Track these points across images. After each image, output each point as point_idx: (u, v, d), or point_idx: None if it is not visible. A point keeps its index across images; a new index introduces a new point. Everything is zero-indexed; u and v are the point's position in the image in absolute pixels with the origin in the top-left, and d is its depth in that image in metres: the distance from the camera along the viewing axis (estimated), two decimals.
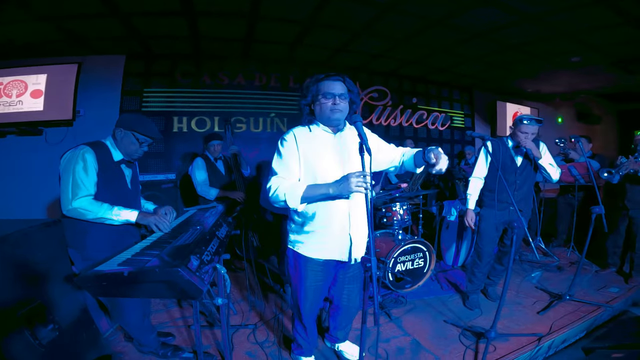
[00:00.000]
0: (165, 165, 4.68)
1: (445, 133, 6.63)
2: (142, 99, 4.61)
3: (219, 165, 3.49)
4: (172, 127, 4.76)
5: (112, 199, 1.76)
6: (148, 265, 1.11)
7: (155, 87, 4.66)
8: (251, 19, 3.72)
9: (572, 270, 3.62)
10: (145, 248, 1.43)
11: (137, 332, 2.05)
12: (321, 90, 1.62)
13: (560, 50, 4.51)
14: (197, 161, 3.35)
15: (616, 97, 8.09)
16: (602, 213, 2.65)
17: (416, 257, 3.18)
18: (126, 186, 1.93)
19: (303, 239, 1.73)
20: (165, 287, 1.08)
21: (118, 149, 1.86)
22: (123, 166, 1.90)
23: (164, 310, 2.76)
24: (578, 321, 2.52)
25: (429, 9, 3.48)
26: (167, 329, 2.45)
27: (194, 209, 2.38)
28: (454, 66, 5.47)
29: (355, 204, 1.69)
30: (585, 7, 3.25)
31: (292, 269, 1.82)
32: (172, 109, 4.75)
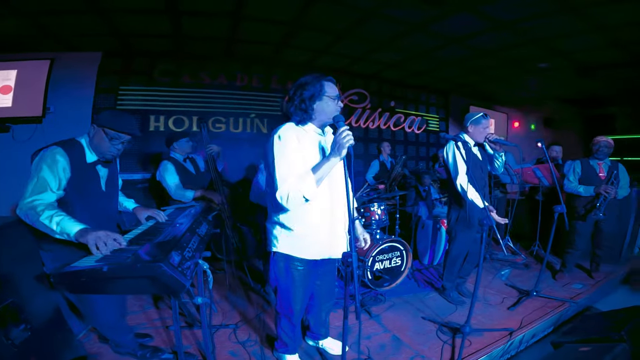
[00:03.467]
0: (141, 164, 4.56)
1: (421, 136, 6.83)
2: (117, 96, 4.48)
3: (189, 166, 3.28)
4: (149, 126, 4.65)
5: (81, 202, 1.69)
6: (128, 261, 1.11)
7: (132, 85, 4.54)
8: (236, 19, 3.71)
9: (539, 267, 3.81)
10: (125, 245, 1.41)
11: (113, 332, 1.99)
12: (327, 91, 1.65)
13: (529, 57, 4.74)
14: (164, 165, 3.09)
15: (582, 103, 8.59)
16: (564, 212, 2.82)
17: (394, 256, 3.26)
18: (99, 188, 1.82)
19: (292, 240, 1.73)
20: (147, 282, 1.08)
21: (92, 148, 1.76)
22: (98, 167, 1.80)
23: (141, 312, 2.70)
24: (545, 316, 2.67)
25: (410, 15, 3.58)
26: (145, 330, 2.39)
27: (171, 208, 2.35)
28: (432, 71, 5.64)
29: (337, 201, 1.74)
30: (553, 15, 3.43)
31: (280, 271, 1.80)
32: (149, 107, 4.64)
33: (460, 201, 2.79)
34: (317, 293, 2.02)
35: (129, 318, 2.23)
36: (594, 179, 3.45)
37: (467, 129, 2.76)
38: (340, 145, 1.47)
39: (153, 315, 2.67)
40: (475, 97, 7.43)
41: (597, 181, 3.42)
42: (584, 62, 4.88)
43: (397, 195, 3.85)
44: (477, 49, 4.50)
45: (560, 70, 5.26)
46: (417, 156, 6.85)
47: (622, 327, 1.96)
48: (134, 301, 2.81)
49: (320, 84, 1.65)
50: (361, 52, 4.81)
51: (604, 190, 3.26)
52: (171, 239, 1.45)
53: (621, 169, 3.44)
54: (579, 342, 2.10)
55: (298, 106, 1.66)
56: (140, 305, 2.80)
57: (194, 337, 2.32)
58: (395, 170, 4.60)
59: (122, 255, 1.22)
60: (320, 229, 1.72)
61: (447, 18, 3.60)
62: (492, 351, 2.21)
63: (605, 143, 3.43)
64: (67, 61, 4.20)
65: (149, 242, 1.42)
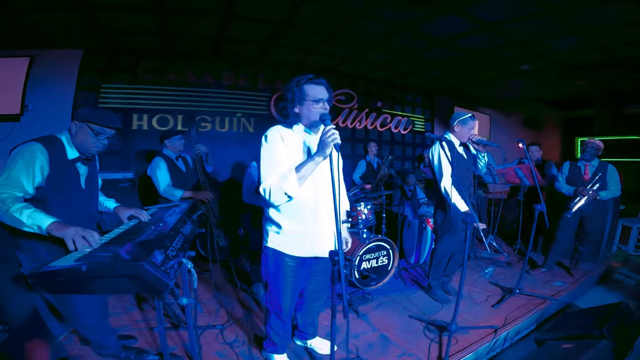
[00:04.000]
0: (123, 163, 4.46)
1: (407, 137, 6.91)
2: (99, 94, 4.38)
3: (180, 164, 3.31)
4: (132, 124, 4.56)
5: (60, 200, 1.64)
6: (109, 260, 1.08)
7: (114, 83, 4.44)
8: (225, 17, 3.68)
9: (521, 265, 3.90)
10: (103, 244, 1.38)
11: (95, 334, 1.94)
12: (310, 94, 1.67)
13: (512, 58, 4.86)
14: (156, 161, 3.10)
15: (561, 105, 8.86)
16: (544, 210, 2.89)
17: (380, 255, 3.29)
18: (79, 186, 1.79)
19: (282, 237, 1.76)
20: (129, 282, 1.05)
21: (73, 145, 1.72)
22: (78, 164, 1.77)
23: (123, 313, 2.64)
24: (528, 314, 2.73)
25: (398, 15, 3.61)
26: (128, 332, 2.34)
27: (154, 207, 2.31)
28: (418, 72, 5.72)
29: (325, 200, 1.75)
30: (535, 17, 3.50)
31: (271, 267, 1.83)
32: (132, 105, 4.55)
33: (446, 202, 2.82)
34: (308, 292, 2.02)
35: (111, 320, 2.17)
36: (578, 179, 3.57)
37: (453, 128, 2.80)
38: (325, 143, 1.49)
39: (136, 316, 2.61)
40: (460, 98, 7.57)
41: (580, 182, 3.53)
42: (564, 64, 5.02)
43: (383, 195, 3.88)
44: (463, 50, 4.59)
45: (541, 72, 5.41)
46: (403, 156, 6.93)
47: (603, 324, 2.03)
48: (116, 302, 2.75)
49: (301, 88, 1.67)
50: (349, 52, 4.83)
51: (580, 191, 3.40)
52: (154, 238, 1.42)
53: (610, 171, 3.51)
54: (561, 339, 2.15)
55: (281, 110, 1.77)
56: (122, 306, 2.73)
57: (180, 339, 2.28)
58: (381, 170, 4.64)
59: (102, 254, 1.19)
60: (307, 227, 1.74)
61: (434, 19, 3.65)
62: (478, 349, 2.25)
63: (590, 144, 3.54)
64: (47, 58, 4.09)
65: (130, 241, 1.39)
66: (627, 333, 2.09)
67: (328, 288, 2.07)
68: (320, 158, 1.54)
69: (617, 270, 4.16)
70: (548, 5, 3.23)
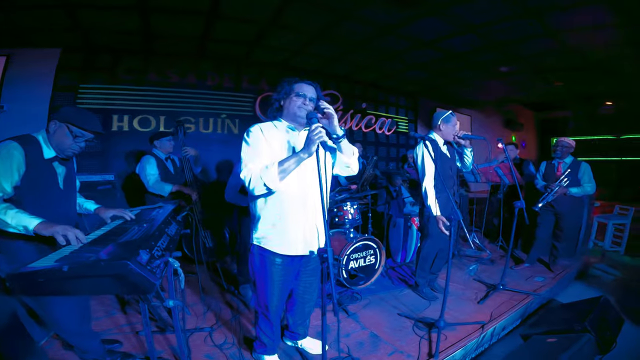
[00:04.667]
0: (102, 165, 4.35)
1: (391, 137, 6.99)
2: (77, 95, 4.25)
3: (169, 165, 3.38)
4: (111, 125, 4.44)
5: (38, 200, 1.59)
6: (92, 260, 1.04)
7: (93, 83, 4.32)
8: (210, 17, 3.65)
9: (504, 262, 3.99)
10: (85, 245, 1.33)
11: (77, 338, 1.87)
12: (295, 90, 1.73)
13: (492, 60, 4.99)
14: (146, 158, 3.22)
15: (537, 106, 9.18)
16: (523, 207, 2.97)
17: (367, 254, 3.30)
18: (57, 187, 1.74)
19: (268, 234, 1.75)
20: (113, 282, 1.02)
21: (50, 145, 1.68)
22: (55, 164, 1.72)
23: (106, 317, 2.55)
24: (513, 309, 2.79)
25: (383, 17, 3.66)
26: (112, 336, 2.27)
27: (138, 208, 2.25)
28: (402, 73, 5.80)
29: (313, 197, 1.75)
30: (516, 19, 3.61)
31: (258, 266, 1.81)
32: (112, 106, 4.43)
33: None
34: (298, 293, 2.01)
35: (93, 324, 2.10)
36: (552, 176, 3.73)
37: (438, 128, 2.84)
38: (311, 140, 1.49)
39: (120, 320, 2.53)
40: (442, 99, 7.72)
41: (553, 179, 3.68)
42: (541, 66, 5.19)
43: (369, 195, 3.90)
44: (445, 52, 4.68)
45: (520, 73, 5.58)
46: (388, 157, 7.00)
47: (585, 319, 2.09)
48: (98, 306, 2.66)
49: (292, 86, 1.75)
50: (334, 53, 4.85)
51: (548, 186, 3.60)
52: (139, 237, 1.39)
53: (583, 169, 3.64)
54: (545, 334, 2.21)
55: (273, 103, 1.82)
56: (105, 310, 2.65)
57: (167, 342, 2.22)
58: (367, 171, 4.66)
59: (84, 254, 1.15)
60: (294, 224, 1.73)
61: (418, 21, 3.72)
62: (466, 344, 2.28)
63: (561, 143, 3.70)
64: (23, 58, 3.96)
65: (114, 241, 1.35)
66: (609, 327, 2.15)
67: (318, 289, 2.06)
68: (305, 155, 1.54)
69: (594, 266, 4.32)
70: (526, 8, 3.34)
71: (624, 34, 3.77)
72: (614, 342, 2.06)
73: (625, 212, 5.07)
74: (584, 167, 3.64)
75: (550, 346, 1.95)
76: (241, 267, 2.98)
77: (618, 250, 4.86)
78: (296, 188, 1.70)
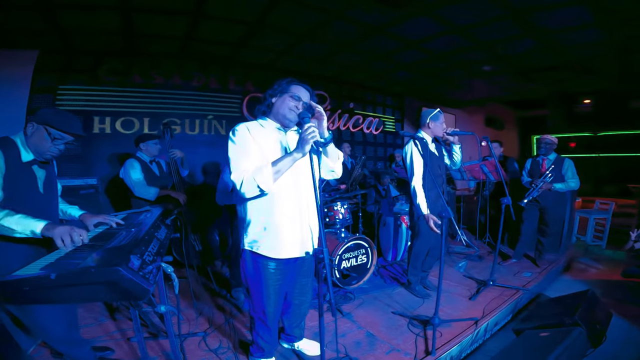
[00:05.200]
0: (84, 168, 4.19)
1: (379, 137, 7.04)
2: (55, 96, 4.10)
3: (154, 168, 3.29)
4: (93, 127, 4.30)
5: (19, 205, 1.50)
6: (81, 267, 0.99)
7: (73, 85, 4.18)
8: (195, 17, 3.58)
9: (492, 258, 4.05)
10: (72, 252, 1.27)
11: (65, 346, 1.80)
12: (291, 90, 1.69)
13: (475, 60, 5.07)
14: (130, 162, 3.11)
15: (518, 105, 9.41)
16: (510, 203, 3.03)
17: (359, 254, 3.29)
18: (37, 191, 1.66)
19: (260, 239, 1.69)
20: (104, 289, 0.96)
21: (28, 147, 1.60)
22: (35, 167, 1.65)
23: (95, 324, 2.47)
24: (504, 304, 2.83)
25: (370, 17, 3.66)
26: (103, 343, 2.19)
27: (123, 213, 2.18)
28: (389, 73, 5.83)
29: (307, 197, 1.73)
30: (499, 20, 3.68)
31: (251, 272, 1.75)
32: (93, 108, 4.29)
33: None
34: (293, 295, 1.97)
35: (82, 331, 2.04)
36: (537, 172, 3.83)
37: (427, 125, 2.86)
38: (305, 140, 1.47)
39: (110, 327, 2.45)
40: (428, 99, 7.82)
41: (538, 175, 3.78)
42: (522, 66, 5.31)
43: (358, 195, 3.91)
44: (430, 52, 4.74)
45: (501, 73, 5.70)
46: (375, 156, 7.04)
47: (574, 312, 2.13)
48: (86, 313, 2.57)
49: (289, 85, 1.71)
50: (322, 54, 4.84)
51: (533, 182, 3.69)
52: (128, 243, 1.33)
53: (566, 164, 3.75)
54: (537, 328, 2.24)
55: (263, 100, 1.76)
56: (94, 317, 2.56)
57: (160, 348, 2.15)
58: (355, 170, 4.67)
59: (71, 261, 1.09)
60: (288, 227, 1.69)
61: (404, 22, 3.74)
62: (462, 341, 2.30)
63: (544, 140, 3.80)
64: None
65: (101, 247, 1.29)
66: (598, 320, 2.20)
67: (312, 289, 2.04)
68: (299, 154, 1.51)
69: (578, 260, 4.45)
70: (510, 9, 3.40)
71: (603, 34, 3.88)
72: (604, 336, 2.10)
73: (605, 207, 5.24)
74: (567, 163, 3.74)
75: (543, 340, 1.97)
76: (233, 270, 2.93)
77: (600, 245, 5.03)
78: (289, 189, 1.67)
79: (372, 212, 4.55)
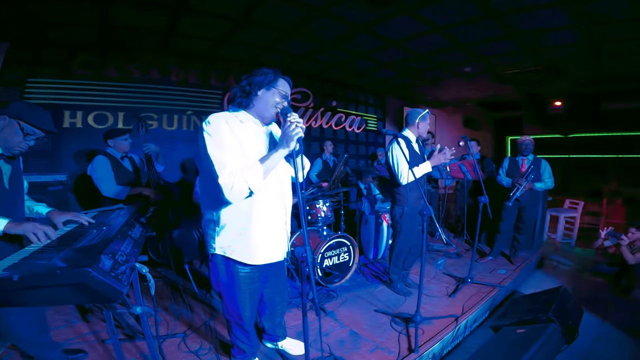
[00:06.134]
0: (52, 164, 3.98)
1: (361, 135, 7.07)
2: (24, 89, 3.87)
3: (126, 164, 3.07)
4: (63, 121, 4.09)
5: None
6: (46, 268, 0.92)
7: (43, 77, 3.96)
8: (176, 11, 3.45)
9: (469, 255, 4.13)
10: (36, 252, 1.19)
11: (36, 349, 1.72)
12: (279, 86, 1.60)
13: (456, 61, 5.16)
14: (98, 159, 2.88)
15: (493, 106, 9.69)
16: (487, 202, 3.09)
17: (341, 252, 3.29)
18: (2, 186, 1.58)
19: (233, 244, 1.60)
20: (72, 291, 0.90)
21: None
22: (1, 162, 1.57)
23: (66, 326, 2.35)
24: (481, 301, 2.89)
25: (356, 15, 3.64)
26: (76, 345, 2.09)
27: (94, 211, 2.07)
28: (371, 72, 5.85)
29: (284, 199, 1.68)
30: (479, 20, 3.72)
31: (224, 277, 1.67)
32: (64, 101, 4.08)
33: (401, 199, 2.91)
34: (269, 296, 1.93)
35: (53, 334, 1.93)
36: (516, 172, 3.94)
37: (415, 125, 2.88)
38: (289, 137, 1.42)
39: (83, 329, 2.34)
40: (408, 98, 7.92)
41: (518, 174, 3.88)
42: (499, 67, 5.45)
43: (340, 192, 3.90)
44: (411, 52, 4.77)
45: (479, 74, 5.83)
46: (357, 155, 7.07)
47: (548, 309, 2.19)
48: (56, 315, 2.45)
49: (277, 78, 1.61)
50: (306, 50, 4.79)
51: (516, 182, 3.77)
52: (98, 242, 1.25)
53: (543, 165, 3.88)
54: (514, 325, 2.30)
55: (242, 88, 1.59)
56: (64, 319, 2.44)
57: (138, 350, 2.07)
58: (337, 168, 4.67)
59: (36, 262, 1.01)
60: (266, 232, 1.62)
61: (386, 21, 3.74)
62: (443, 337, 2.34)
63: (525, 141, 3.93)
64: None
65: (69, 246, 1.21)
66: (571, 317, 2.28)
67: (287, 288, 2.01)
68: (285, 151, 1.45)
69: (550, 257, 4.62)
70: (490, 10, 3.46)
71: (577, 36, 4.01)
72: (577, 332, 2.17)
73: (575, 206, 5.47)
74: (544, 163, 3.88)
75: (520, 336, 2.02)
76: None
77: (569, 242, 5.24)
78: (267, 191, 1.59)
79: (354, 210, 4.55)
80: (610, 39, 4.03)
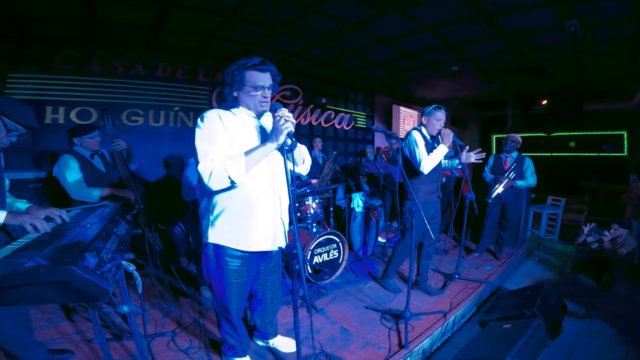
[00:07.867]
0: (34, 161, 3.89)
1: (350, 132, 7.09)
2: (4, 85, 3.77)
3: (97, 162, 2.73)
4: (45, 117, 3.99)
5: None
6: (27, 267, 0.89)
7: (24, 73, 3.86)
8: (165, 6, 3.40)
9: (456, 252, 4.14)
10: (18, 250, 1.15)
11: (19, 349, 1.68)
12: (250, 81, 1.56)
13: (444, 60, 5.22)
14: (63, 160, 2.52)
15: (480, 105, 9.84)
16: (474, 199, 3.13)
17: (331, 249, 3.29)
18: None
19: (226, 232, 1.60)
20: (56, 290, 0.87)
21: None
22: None
23: (50, 326, 2.29)
24: (469, 297, 2.92)
25: (347, 12, 3.64)
26: (61, 346, 2.04)
27: (78, 208, 2.01)
28: (361, 70, 5.87)
29: (280, 189, 1.68)
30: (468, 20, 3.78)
31: (213, 267, 1.67)
32: (46, 97, 3.97)
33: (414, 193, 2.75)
34: (262, 293, 1.92)
35: (37, 334, 1.88)
36: (500, 169, 4.00)
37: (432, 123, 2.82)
38: (278, 131, 1.42)
39: (68, 329, 2.27)
40: (397, 96, 7.97)
41: (501, 172, 3.95)
42: (485, 67, 5.53)
43: (330, 189, 3.90)
44: (401, 50, 4.80)
45: (466, 73, 5.91)
46: (346, 152, 7.09)
47: (533, 304, 2.24)
48: (39, 315, 2.38)
49: (242, 74, 1.55)
50: (296, 47, 4.77)
51: (497, 179, 3.85)
52: (82, 240, 1.22)
53: (526, 163, 3.94)
54: (500, 320, 2.33)
55: (219, 93, 1.63)
56: (48, 319, 2.37)
57: (125, 349, 2.03)
58: (327, 165, 4.67)
59: (18, 260, 0.98)
60: (261, 219, 1.63)
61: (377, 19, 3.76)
62: (433, 333, 2.36)
63: (511, 139, 4.00)
64: None
65: (51, 244, 1.18)
66: (555, 312, 2.33)
67: (281, 286, 2.00)
68: (273, 144, 1.45)
69: (533, 253, 4.73)
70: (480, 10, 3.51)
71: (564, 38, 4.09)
72: (561, 327, 2.22)
73: (557, 203, 5.60)
74: (527, 161, 3.95)
75: (507, 332, 2.06)
76: (199, 267, 2.80)
77: (552, 239, 5.36)
78: (262, 180, 1.60)
79: (342, 207, 4.56)
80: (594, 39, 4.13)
